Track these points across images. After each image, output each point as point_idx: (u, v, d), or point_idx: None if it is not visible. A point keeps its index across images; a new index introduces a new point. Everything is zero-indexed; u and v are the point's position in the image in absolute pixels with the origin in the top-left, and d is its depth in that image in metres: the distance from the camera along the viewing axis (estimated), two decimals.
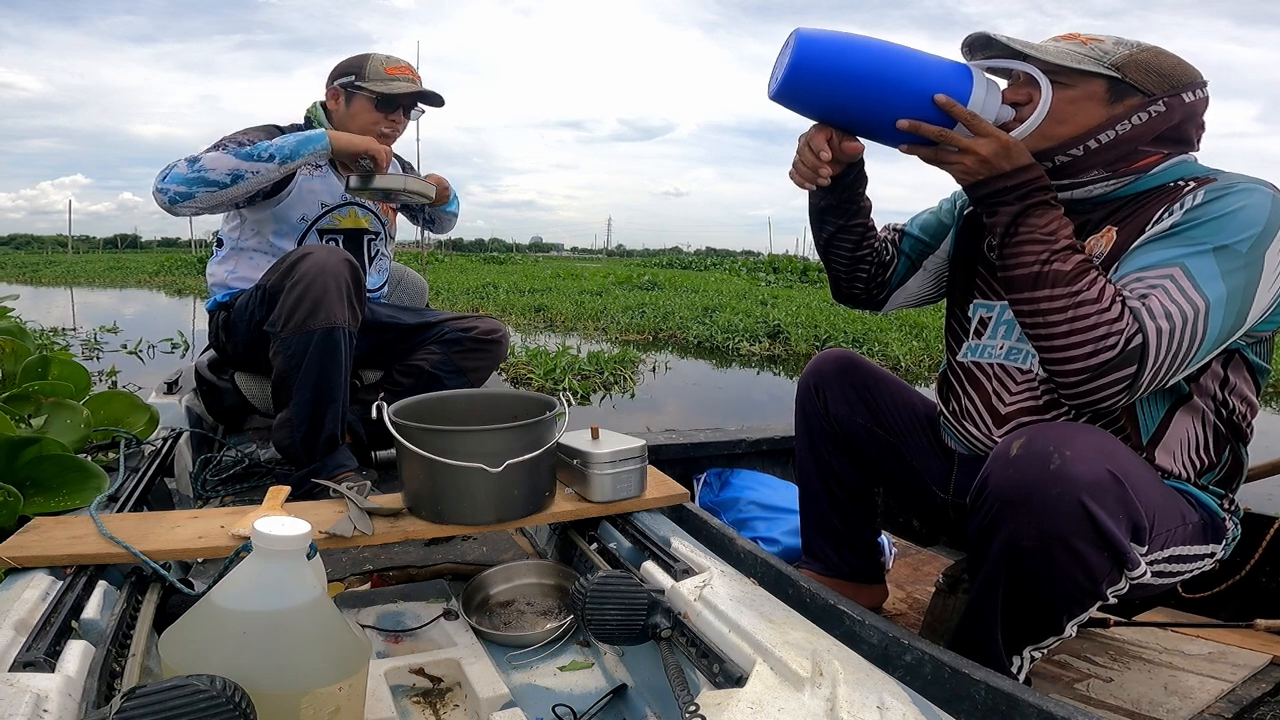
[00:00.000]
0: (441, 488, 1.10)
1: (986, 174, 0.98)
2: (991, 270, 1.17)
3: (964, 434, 1.17)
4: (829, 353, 1.39)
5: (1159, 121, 1.00)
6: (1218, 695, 1.13)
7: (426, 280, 2.42)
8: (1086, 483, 0.85)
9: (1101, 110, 1.01)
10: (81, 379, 1.72)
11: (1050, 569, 0.89)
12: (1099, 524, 0.85)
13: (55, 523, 1.05)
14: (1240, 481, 1.08)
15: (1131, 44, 1.01)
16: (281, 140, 1.66)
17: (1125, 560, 0.88)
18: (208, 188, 1.61)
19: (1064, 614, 0.94)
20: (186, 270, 17.78)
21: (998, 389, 1.12)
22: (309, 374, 1.54)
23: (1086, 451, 0.87)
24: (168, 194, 1.60)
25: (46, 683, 0.68)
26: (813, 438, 1.38)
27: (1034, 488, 0.87)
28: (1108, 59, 1.00)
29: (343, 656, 0.71)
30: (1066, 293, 0.91)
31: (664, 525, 1.18)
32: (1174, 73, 1.00)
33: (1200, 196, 0.94)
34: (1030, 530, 0.88)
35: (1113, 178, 1.03)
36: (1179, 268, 0.90)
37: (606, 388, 5.26)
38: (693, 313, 8.81)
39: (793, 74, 0.98)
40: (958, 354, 1.20)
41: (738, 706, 0.71)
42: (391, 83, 1.82)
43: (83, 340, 6.77)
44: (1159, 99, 0.99)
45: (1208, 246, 0.91)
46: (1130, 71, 0.99)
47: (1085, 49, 1.01)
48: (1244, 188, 0.93)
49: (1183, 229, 0.93)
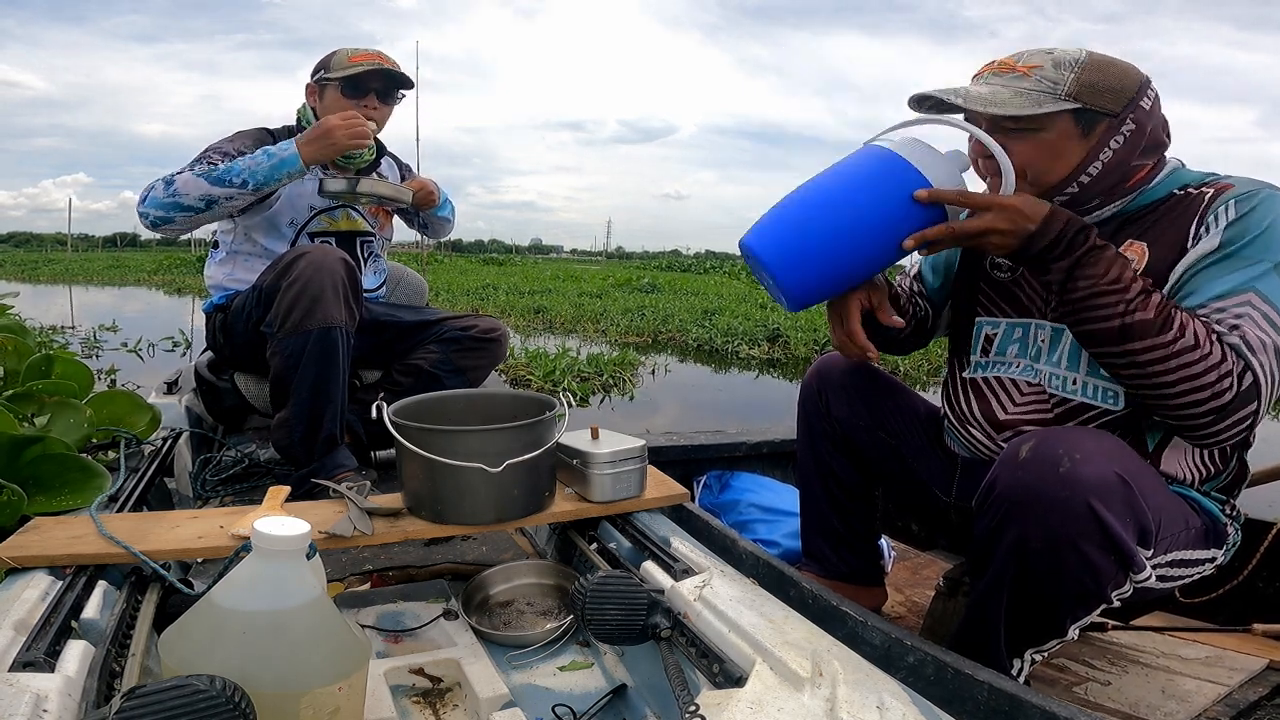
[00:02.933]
0: (441, 488, 1.10)
1: (1018, 242, 0.95)
2: (995, 287, 1.18)
3: (967, 438, 1.17)
4: (832, 355, 1.39)
5: (1136, 138, 1.00)
6: (1215, 699, 1.13)
7: (426, 280, 2.42)
8: (1095, 485, 0.85)
9: (1080, 145, 1.00)
10: (84, 378, 1.72)
11: (1057, 571, 0.89)
12: (1106, 527, 0.86)
13: (55, 523, 1.05)
14: (1242, 488, 1.09)
15: (1070, 63, 0.99)
16: (254, 164, 1.62)
17: (1131, 563, 0.89)
18: (184, 212, 1.62)
19: (1068, 616, 0.94)
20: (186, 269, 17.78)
21: (1003, 399, 1.13)
22: (306, 374, 1.54)
23: (1095, 455, 0.87)
24: (149, 218, 1.63)
25: (46, 683, 0.68)
26: (814, 439, 1.38)
27: (1043, 490, 0.87)
28: (1061, 90, 0.98)
29: (343, 656, 0.72)
30: (1161, 343, 0.89)
31: (664, 525, 1.18)
32: (1124, 84, 0.99)
33: (1232, 211, 0.94)
34: (1038, 532, 0.88)
35: (1115, 200, 1.03)
36: (1252, 293, 0.91)
37: (606, 390, 5.26)
38: (692, 315, 8.81)
39: (786, 282, 0.96)
40: (965, 370, 1.21)
41: (738, 706, 0.72)
42: (355, 68, 1.80)
43: (82, 339, 6.77)
44: (1125, 117, 0.98)
45: (1267, 265, 0.91)
46: (1089, 98, 0.97)
47: (1033, 83, 0.98)
48: (1267, 195, 0.94)
49: (1235, 249, 0.93)
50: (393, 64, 1.83)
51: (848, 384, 1.34)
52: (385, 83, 1.84)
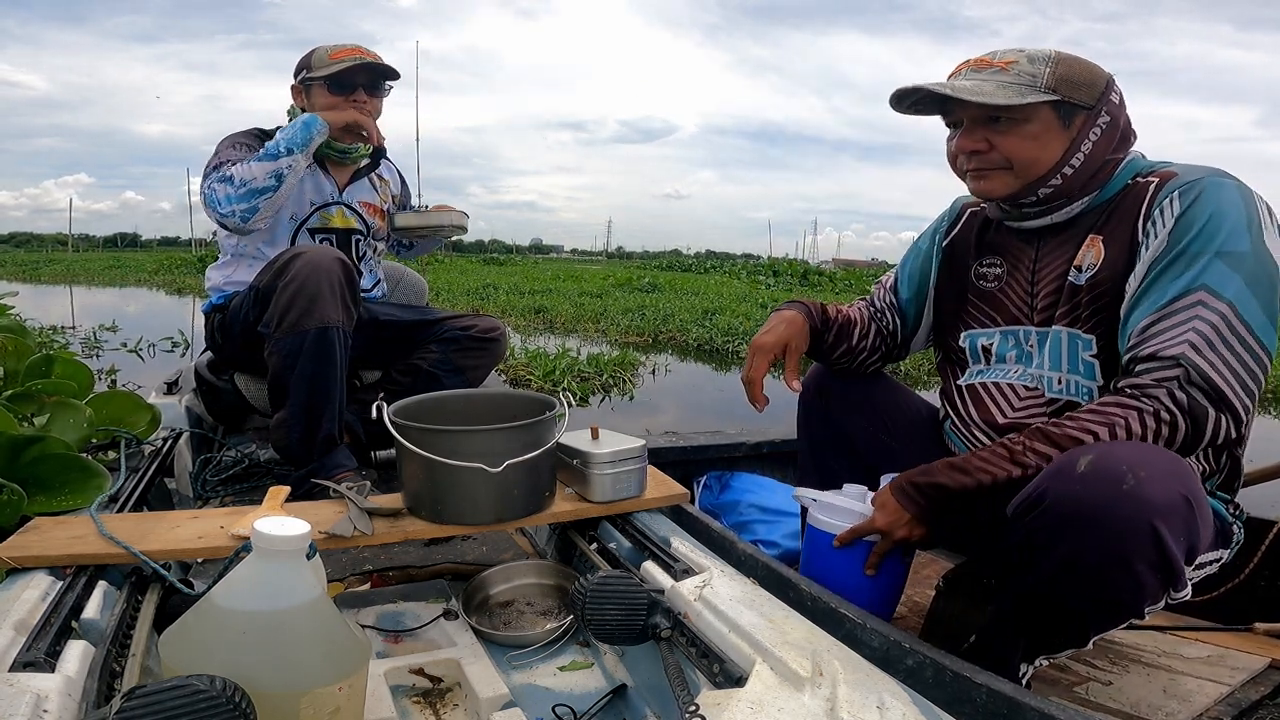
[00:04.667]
0: (441, 488, 1.10)
1: (907, 520, 1.04)
2: (985, 297, 1.18)
3: (970, 440, 1.17)
4: None
5: (1111, 132, 1.02)
6: (1216, 698, 1.13)
7: (426, 280, 2.42)
8: (1160, 506, 0.83)
9: (1062, 136, 1.02)
10: (84, 378, 1.72)
11: (1103, 588, 0.87)
12: (1165, 548, 0.83)
13: (55, 523, 1.05)
14: (1240, 484, 1.08)
15: (1043, 59, 1.01)
16: (289, 134, 1.70)
17: (1176, 583, 0.87)
18: (262, 195, 1.66)
19: (1095, 629, 0.93)
20: (186, 269, 17.77)
21: (1001, 403, 1.13)
22: (304, 374, 1.54)
23: (1160, 474, 0.84)
24: (235, 215, 1.66)
25: (46, 683, 0.68)
26: (814, 439, 1.38)
27: (1105, 507, 0.84)
28: (1040, 83, 1.00)
29: (343, 656, 0.72)
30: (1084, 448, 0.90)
31: (664, 525, 1.18)
32: (1093, 78, 1.01)
33: (1176, 204, 0.96)
34: (1095, 549, 0.85)
35: (1086, 195, 1.05)
36: (1203, 290, 0.92)
37: (605, 390, 5.26)
38: (692, 315, 8.81)
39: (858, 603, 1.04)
40: (960, 379, 1.21)
41: (738, 706, 0.72)
42: (337, 64, 1.81)
43: (82, 339, 6.76)
44: (1099, 110, 1.01)
45: (1211, 255, 0.92)
46: (1065, 90, 1.00)
47: (1013, 76, 1.01)
48: (1209, 183, 0.95)
49: (1182, 247, 0.94)
50: (375, 57, 1.84)
51: (848, 385, 1.34)
52: (371, 76, 1.85)
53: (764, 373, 1.20)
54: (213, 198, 1.67)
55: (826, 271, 21.11)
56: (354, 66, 1.81)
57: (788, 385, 1.24)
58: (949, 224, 1.28)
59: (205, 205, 1.70)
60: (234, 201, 1.65)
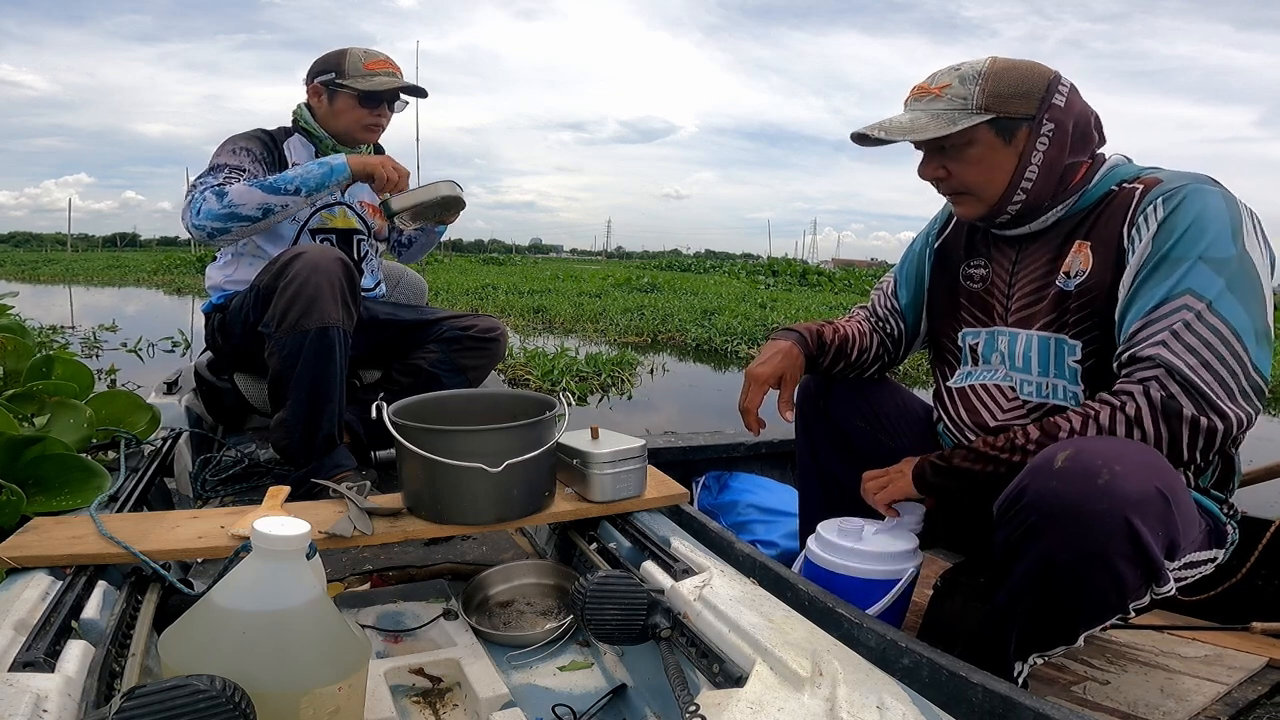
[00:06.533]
0: (441, 488, 1.10)
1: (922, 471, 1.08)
2: (973, 298, 1.19)
3: (963, 443, 1.17)
4: None
5: (1060, 137, 1.02)
6: (1214, 698, 1.13)
7: (426, 280, 2.42)
8: (1134, 500, 0.83)
9: (1007, 153, 1.02)
10: (85, 378, 1.72)
11: (1083, 584, 0.88)
12: (1141, 542, 0.84)
13: (55, 523, 1.05)
14: (1235, 484, 1.09)
15: (974, 75, 1.02)
16: (304, 173, 1.67)
17: (1158, 577, 0.88)
18: (241, 222, 1.64)
19: (1082, 626, 0.93)
20: (185, 269, 17.75)
21: (990, 406, 1.14)
22: (304, 374, 1.54)
23: (1135, 467, 0.85)
24: (205, 229, 1.64)
25: (46, 683, 0.68)
26: (813, 440, 1.38)
27: (1080, 502, 0.84)
28: (972, 104, 1.01)
29: (342, 656, 0.72)
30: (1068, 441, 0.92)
31: (664, 525, 1.18)
32: (1029, 87, 1.01)
33: (1160, 210, 0.96)
34: (1070, 545, 0.86)
35: (1059, 203, 1.06)
36: (1188, 294, 0.92)
37: (604, 390, 5.26)
38: (691, 315, 8.81)
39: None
40: (950, 379, 1.22)
41: (738, 706, 0.72)
42: (374, 78, 1.82)
43: (82, 338, 6.76)
44: (1041, 118, 1.01)
45: (1193, 259, 0.93)
46: (997, 106, 1.00)
47: (946, 103, 1.02)
48: (1191, 189, 0.96)
49: (1166, 252, 0.95)
50: (400, 71, 1.87)
51: (846, 385, 1.35)
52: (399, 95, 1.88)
53: (759, 403, 1.22)
54: (197, 203, 1.64)
55: (825, 271, 21.12)
56: (392, 89, 1.83)
57: (781, 416, 1.25)
58: (940, 226, 1.29)
59: (186, 204, 1.68)
60: (213, 218, 1.62)
